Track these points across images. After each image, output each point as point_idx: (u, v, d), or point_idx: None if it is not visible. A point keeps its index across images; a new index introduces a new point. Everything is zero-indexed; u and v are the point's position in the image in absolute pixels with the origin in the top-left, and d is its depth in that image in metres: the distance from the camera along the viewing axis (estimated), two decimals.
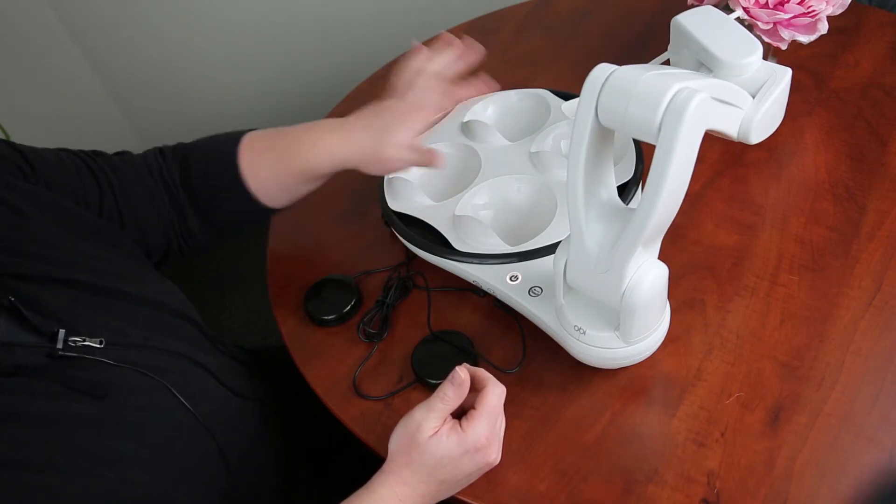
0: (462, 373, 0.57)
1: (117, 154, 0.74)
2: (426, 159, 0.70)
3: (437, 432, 0.57)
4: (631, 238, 0.54)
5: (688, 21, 0.61)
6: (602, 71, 0.50)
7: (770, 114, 0.56)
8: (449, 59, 0.72)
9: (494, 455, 0.59)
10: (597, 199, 0.56)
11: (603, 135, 0.53)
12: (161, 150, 0.75)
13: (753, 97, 0.56)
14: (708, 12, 0.61)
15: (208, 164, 0.74)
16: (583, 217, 0.56)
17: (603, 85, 0.50)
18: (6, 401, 0.52)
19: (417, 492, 0.57)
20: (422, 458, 0.57)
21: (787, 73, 0.57)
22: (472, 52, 0.73)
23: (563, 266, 0.60)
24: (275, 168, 0.72)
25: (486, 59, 1.06)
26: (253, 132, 0.75)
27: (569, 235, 0.59)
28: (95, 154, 0.72)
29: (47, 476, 0.50)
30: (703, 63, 0.59)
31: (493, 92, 0.74)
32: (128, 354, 0.60)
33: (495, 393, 0.58)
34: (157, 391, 0.60)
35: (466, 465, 0.57)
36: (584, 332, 0.61)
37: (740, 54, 0.56)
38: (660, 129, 0.47)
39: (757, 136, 0.56)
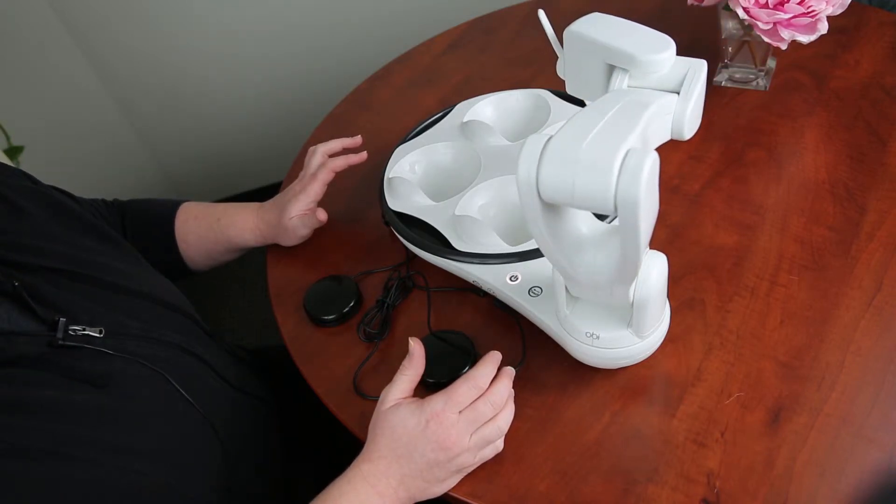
0: (413, 342, 0.61)
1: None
2: (314, 222, 0.81)
3: (397, 403, 0.59)
4: (626, 275, 0.53)
5: (585, 28, 0.60)
6: (536, 143, 0.47)
7: (697, 107, 0.56)
8: (338, 144, 0.85)
9: (461, 450, 0.57)
10: (574, 238, 0.55)
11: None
12: (103, 200, 0.84)
13: (676, 93, 0.56)
14: (598, 18, 0.61)
15: (146, 218, 0.84)
16: (567, 264, 0.54)
17: (541, 160, 0.47)
18: (7, 391, 0.52)
19: (379, 469, 0.57)
20: (381, 427, 0.58)
21: (703, 65, 0.56)
22: (354, 145, 0.86)
23: (562, 279, 0.60)
24: (202, 235, 0.84)
25: (486, 59, 1.06)
26: (188, 202, 0.86)
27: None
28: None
29: (48, 465, 0.50)
30: (617, 65, 0.58)
31: (360, 161, 0.83)
32: (127, 345, 0.60)
33: (464, 384, 0.59)
34: (157, 381, 0.61)
35: (422, 442, 0.57)
36: (598, 337, 0.61)
37: (655, 50, 0.56)
38: (615, 201, 0.45)
39: (689, 132, 0.56)
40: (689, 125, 0.56)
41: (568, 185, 0.46)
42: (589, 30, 0.60)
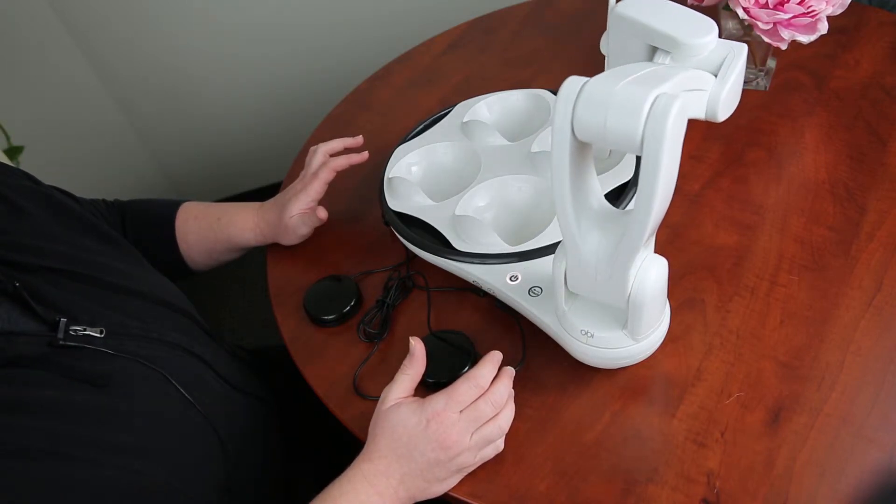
0: (414, 341, 0.61)
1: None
2: (315, 220, 0.81)
3: (398, 402, 0.59)
4: (631, 245, 0.53)
5: (630, 10, 0.61)
6: (574, 84, 0.50)
7: (734, 90, 0.57)
8: (339, 143, 0.85)
9: (461, 449, 0.57)
10: (587, 210, 0.56)
11: (582, 148, 0.53)
12: (104, 201, 0.84)
13: (715, 75, 0.57)
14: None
15: (147, 218, 0.84)
16: (576, 232, 0.55)
17: (577, 99, 0.49)
18: (7, 391, 0.52)
19: (380, 469, 0.57)
20: (382, 427, 0.58)
21: (743, 48, 0.57)
22: (355, 145, 0.86)
23: (562, 273, 0.60)
24: (203, 234, 0.83)
25: (486, 59, 1.06)
26: (188, 202, 0.86)
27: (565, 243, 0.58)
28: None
29: (49, 465, 0.50)
30: (659, 47, 0.59)
31: (362, 161, 0.83)
32: (127, 345, 0.60)
33: (464, 384, 0.59)
34: (157, 381, 0.61)
35: (423, 441, 0.56)
36: (592, 336, 0.61)
37: (698, 34, 0.57)
38: (643, 139, 0.47)
39: (724, 114, 0.57)
40: (724, 107, 0.57)
41: (600, 123, 0.48)
42: (634, 11, 0.61)
